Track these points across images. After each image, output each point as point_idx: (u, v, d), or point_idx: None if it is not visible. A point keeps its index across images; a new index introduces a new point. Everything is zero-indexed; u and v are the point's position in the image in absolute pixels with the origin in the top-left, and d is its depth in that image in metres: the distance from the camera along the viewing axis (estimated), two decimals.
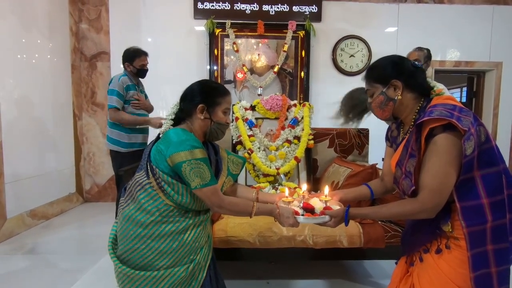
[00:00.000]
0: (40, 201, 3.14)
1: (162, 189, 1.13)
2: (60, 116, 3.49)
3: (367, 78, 1.12)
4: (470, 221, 0.91)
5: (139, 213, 1.13)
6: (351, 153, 2.47)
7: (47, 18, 3.25)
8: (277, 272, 2.12)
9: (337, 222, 1.12)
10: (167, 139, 1.13)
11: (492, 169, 0.92)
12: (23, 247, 2.54)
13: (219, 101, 1.23)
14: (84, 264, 2.22)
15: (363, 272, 2.16)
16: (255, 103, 2.44)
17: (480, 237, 0.91)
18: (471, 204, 0.92)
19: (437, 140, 0.92)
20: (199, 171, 1.09)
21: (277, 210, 1.19)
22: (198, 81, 1.29)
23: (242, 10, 3.75)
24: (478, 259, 0.91)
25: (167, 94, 3.81)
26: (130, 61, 2.51)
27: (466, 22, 3.92)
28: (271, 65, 3.79)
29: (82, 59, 3.81)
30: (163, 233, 1.12)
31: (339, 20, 3.86)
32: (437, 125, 0.92)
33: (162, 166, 1.13)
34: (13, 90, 2.84)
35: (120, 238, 1.17)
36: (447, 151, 0.91)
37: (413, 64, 1.06)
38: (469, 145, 0.88)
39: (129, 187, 1.21)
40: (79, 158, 3.82)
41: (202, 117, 1.21)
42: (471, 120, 0.90)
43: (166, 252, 1.12)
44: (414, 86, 1.05)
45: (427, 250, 1.03)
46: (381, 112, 1.10)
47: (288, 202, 1.25)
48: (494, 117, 4.08)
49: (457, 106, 0.94)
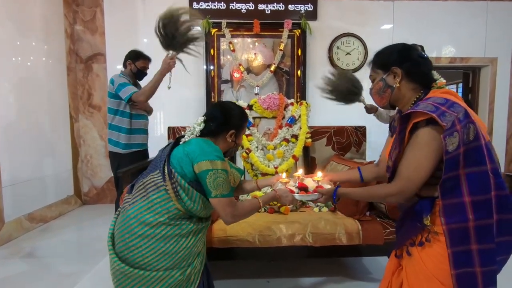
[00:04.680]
0: (38, 205, 3.13)
1: (177, 194, 1.15)
2: (57, 119, 3.47)
3: (372, 63, 1.13)
4: (449, 218, 0.91)
5: (148, 212, 1.15)
6: (348, 151, 2.48)
7: (41, 21, 3.23)
8: (277, 271, 2.12)
9: (327, 199, 1.23)
10: (198, 146, 1.17)
11: (478, 168, 0.91)
12: (21, 251, 2.53)
13: (244, 126, 1.34)
14: (83, 267, 2.21)
15: (362, 269, 2.17)
16: (252, 102, 2.44)
17: (462, 235, 0.91)
18: (453, 202, 0.92)
19: (419, 134, 0.94)
20: (222, 182, 1.15)
21: (276, 193, 1.31)
22: (229, 105, 1.33)
23: (237, 9, 3.75)
24: (460, 257, 0.91)
25: (163, 95, 3.79)
26: (134, 59, 2.49)
27: (461, 18, 3.94)
28: (267, 64, 3.78)
29: (77, 61, 3.79)
30: (167, 235, 1.14)
31: (334, 18, 3.86)
32: (421, 119, 0.92)
33: (186, 170, 1.15)
34: (8, 94, 2.82)
35: (121, 235, 1.17)
36: (426, 144, 0.92)
37: (419, 54, 1.04)
38: (452, 141, 0.88)
39: (141, 184, 1.21)
40: (77, 160, 3.80)
41: (230, 140, 1.28)
42: (459, 117, 0.89)
43: (167, 254, 1.13)
44: (415, 76, 1.04)
45: (413, 243, 1.04)
46: (380, 98, 1.11)
47: (285, 183, 1.38)
48: (490, 113, 4.10)
49: (449, 101, 0.93)
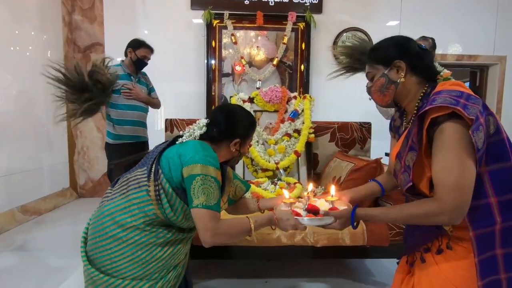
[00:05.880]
0: (32, 197, 3.05)
1: (158, 198, 1.02)
2: (54, 110, 3.39)
3: (369, 59, 1.02)
4: (477, 223, 0.82)
5: (124, 213, 1.04)
6: (352, 148, 2.39)
7: (38, 8, 3.13)
8: (275, 271, 2.05)
9: (343, 224, 0.97)
10: (193, 148, 1.04)
11: (501, 164, 0.82)
12: (12, 243, 2.45)
13: (251, 135, 1.21)
14: (74, 261, 2.11)
15: (366, 271, 2.09)
16: (254, 95, 2.35)
17: (488, 240, 0.82)
18: (478, 204, 0.82)
19: (444, 129, 0.81)
20: (209, 190, 0.99)
21: (275, 216, 1.06)
22: (237, 110, 1.18)
23: (240, 0, 3.65)
24: (486, 265, 0.82)
25: (164, 87, 3.69)
26: (135, 47, 2.45)
27: (470, 14, 3.82)
28: (270, 57, 3.69)
29: (75, 50, 3.69)
30: (140, 242, 1.02)
31: (340, 12, 3.76)
32: (441, 114, 0.81)
33: (174, 173, 1.02)
34: (4, 83, 2.74)
35: (93, 232, 1.08)
36: (457, 140, 0.80)
37: (419, 45, 0.97)
38: (479, 136, 0.78)
39: (125, 180, 1.11)
40: (73, 152, 3.72)
41: (233, 150, 1.16)
42: (480, 109, 0.80)
43: (137, 262, 1.02)
44: (419, 68, 0.95)
45: (428, 249, 0.95)
46: (382, 96, 1.00)
47: (290, 203, 1.10)
48: (498, 112, 3.99)
49: (464, 93, 0.83)
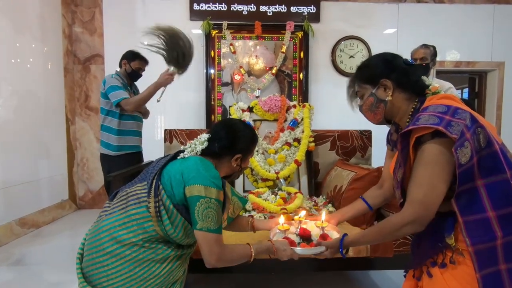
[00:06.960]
0: (31, 209, 3.01)
1: (158, 215, 1.01)
2: (53, 121, 3.38)
3: (356, 79, 1.03)
4: (475, 238, 0.81)
5: (122, 228, 1.02)
6: (353, 156, 2.36)
7: (39, 21, 3.16)
8: (277, 284, 2.00)
9: (333, 253, 1.08)
10: (195, 166, 1.03)
11: (497, 177, 0.81)
12: (9, 257, 2.40)
13: (253, 150, 1.22)
14: (73, 276, 2.04)
15: (370, 283, 2.04)
16: (253, 104, 2.34)
17: (490, 255, 0.80)
18: (476, 218, 0.81)
19: (424, 149, 0.84)
20: (212, 214, 1.00)
21: (273, 246, 1.12)
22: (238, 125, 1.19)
23: (239, 11, 3.68)
24: (489, 281, 0.80)
25: (163, 97, 3.70)
26: (130, 59, 2.45)
27: (467, 21, 3.85)
28: (269, 66, 3.70)
29: (75, 62, 3.71)
30: (138, 258, 1.01)
31: (338, 20, 3.78)
32: (424, 134, 0.83)
33: (176, 190, 1.01)
34: (3, 94, 2.73)
35: (90, 247, 1.06)
36: (435, 160, 0.83)
37: (405, 61, 0.99)
38: (464, 152, 0.79)
39: (124, 194, 1.09)
40: (72, 163, 3.70)
41: (235, 165, 1.17)
42: (466, 124, 0.80)
43: (135, 279, 1.00)
44: (406, 85, 0.96)
45: (434, 263, 0.92)
46: (373, 115, 1.01)
47: (284, 230, 1.19)
48: (497, 119, 3.99)
49: (451, 107, 0.84)
